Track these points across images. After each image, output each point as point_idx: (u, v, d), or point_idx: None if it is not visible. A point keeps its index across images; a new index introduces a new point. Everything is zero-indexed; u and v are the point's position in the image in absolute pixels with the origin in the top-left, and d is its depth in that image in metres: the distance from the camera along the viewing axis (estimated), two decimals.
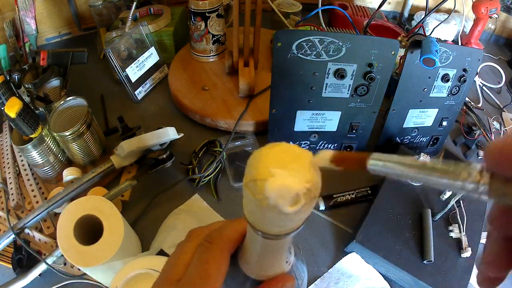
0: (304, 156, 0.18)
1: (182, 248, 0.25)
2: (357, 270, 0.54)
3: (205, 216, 0.60)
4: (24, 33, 0.72)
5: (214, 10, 0.75)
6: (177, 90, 0.76)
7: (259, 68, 0.80)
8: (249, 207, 0.19)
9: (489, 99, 0.91)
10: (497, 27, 1.10)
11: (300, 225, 0.19)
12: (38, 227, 0.57)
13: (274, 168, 0.17)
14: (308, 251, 0.57)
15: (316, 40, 0.53)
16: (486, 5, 0.86)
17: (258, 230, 0.19)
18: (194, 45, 0.81)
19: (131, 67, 0.75)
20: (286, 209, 0.16)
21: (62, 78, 0.68)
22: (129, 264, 0.43)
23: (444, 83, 0.63)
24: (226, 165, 0.65)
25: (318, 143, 0.66)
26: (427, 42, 0.56)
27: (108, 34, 0.80)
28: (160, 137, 0.62)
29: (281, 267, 0.24)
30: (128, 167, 0.65)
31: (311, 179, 0.17)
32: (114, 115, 0.74)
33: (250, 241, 0.22)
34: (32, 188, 0.61)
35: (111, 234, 0.45)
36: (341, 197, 0.62)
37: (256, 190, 0.17)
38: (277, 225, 0.18)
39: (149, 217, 0.59)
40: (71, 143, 0.59)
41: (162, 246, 0.50)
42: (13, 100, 0.53)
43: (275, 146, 0.18)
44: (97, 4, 0.88)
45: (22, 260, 0.51)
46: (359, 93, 0.59)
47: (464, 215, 0.58)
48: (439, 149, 0.75)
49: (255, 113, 0.71)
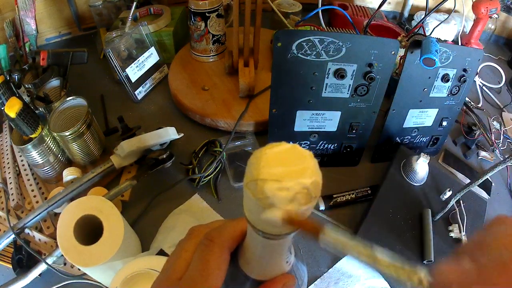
0: (305, 156, 0.18)
1: (183, 246, 0.25)
2: (357, 270, 0.54)
3: (205, 216, 0.60)
4: (24, 33, 0.72)
5: (214, 10, 0.75)
6: (177, 90, 0.76)
7: (259, 68, 0.80)
8: (249, 207, 0.19)
9: (489, 99, 0.91)
10: (497, 27, 1.10)
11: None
12: (38, 227, 0.57)
13: (274, 168, 0.17)
14: (308, 251, 0.57)
15: (316, 40, 0.53)
16: (486, 5, 0.86)
17: (259, 230, 0.19)
18: (194, 45, 0.81)
19: (131, 67, 0.75)
20: (286, 208, 0.16)
21: (62, 78, 0.68)
22: (129, 264, 0.43)
23: (444, 83, 0.63)
24: (226, 165, 0.65)
25: (318, 143, 0.66)
26: (427, 42, 0.56)
27: (108, 34, 0.80)
28: (160, 137, 0.62)
29: (281, 267, 0.24)
30: (128, 167, 0.65)
31: (311, 180, 0.17)
32: (114, 115, 0.74)
33: (251, 241, 0.22)
34: (32, 188, 0.61)
35: (111, 234, 0.45)
36: (341, 197, 0.62)
37: (256, 190, 0.17)
38: (277, 225, 0.18)
39: (149, 217, 0.59)
40: (71, 143, 0.59)
41: (162, 246, 0.50)
42: (13, 100, 0.53)
43: (275, 146, 0.18)
44: (97, 4, 0.88)
45: (22, 260, 0.51)
46: (359, 93, 0.59)
47: (464, 215, 0.58)
48: (439, 149, 0.75)
49: (255, 113, 0.71)
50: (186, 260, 0.24)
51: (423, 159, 0.61)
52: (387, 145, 0.69)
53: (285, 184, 0.16)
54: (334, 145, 0.66)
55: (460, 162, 0.74)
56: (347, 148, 0.67)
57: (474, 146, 0.77)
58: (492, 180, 0.72)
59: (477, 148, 0.77)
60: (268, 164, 0.17)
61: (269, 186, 0.16)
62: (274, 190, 0.16)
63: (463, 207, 0.59)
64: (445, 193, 0.60)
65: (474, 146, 0.77)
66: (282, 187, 0.16)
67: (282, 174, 0.17)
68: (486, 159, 0.76)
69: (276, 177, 0.16)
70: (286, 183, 0.16)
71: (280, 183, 0.16)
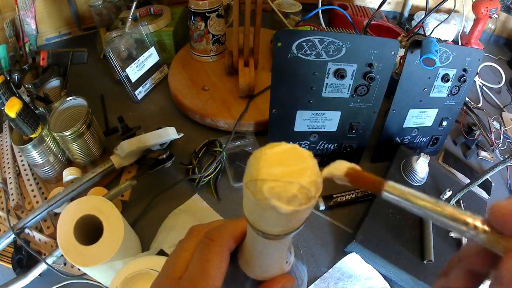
0: (305, 157, 0.18)
1: (183, 245, 0.25)
2: (357, 270, 0.54)
3: (205, 216, 0.60)
4: (24, 33, 0.72)
5: (214, 10, 0.75)
6: (177, 90, 0.76)
7: (259, 68, 0.80)
8: (249, 207, 0.19)
9: (489, 99, 0.91)
10: (497, 27, 1.10)
11: (300, 225, 0.19)
12: (38, 227, 0.57)
13: (274, 168, 0.17)
14: (308, 251, 0.57)
15: (316, 40, 0.53)
16: (486, 5, 0.86)
17: (258, 230, 0.19)
18: (194, 45, 0.81)
19: (131, 67, 0.75)
20: (285, 209, 0.16)
21: (62, 78, 0.68)
22: (129, 264, 0.43)
23: (444, 83, 0.63)
24: (226, 165, 0.65)
25: (318, 143, 0.66)
26: (427, 42, 0.56)
27: (108, 34, 0.80)
28: (160, 137, 0.62)
29: (281, 268, 0.24)
30: (128, 167, 0.65)
31: (310, 180, 0.17)
32: (114, 115, 0.74)
33: (250, 241, 0.22)
34: (32, 188, 0.61)
35: (111, 234, 0.45)
36: (341, 197, 0.62)
37: (256, 190, 0.17)
38: (276, 225, 0.18)
39: (149, 217, 0.59)
40: (71, 143, 0.59)
41: (162, 246, 0.50)
42: (13, 100, 0.53)
43: (275, 146, 0.18)
44: (97, 4, 0.88)
45: (22, 260, 0.51)
46: (359, 93, 0.59)
47: None
48: (439, 149, 0.75)
49: (255, 113, 0.71)
50: (186, 260, 0.24)
51: (423, 159, 0.61)
52: (387, 145, 0.69)
53: (284, 184, 0.16)
54: (334, 145, 0.66)
55: (460, 162, 0.74)
56: (347, 148, 0.67)
57: (474, 146, 0.77)
58: (492, 180, 0.72)
59: (477, 148, 0.77)
60: (267, 164, 0.17)
61: (268, 186, 0.16)
62: (273, 190, 0.16)
63: (463, 207, 0.59)
64: (445, 193, 0.60)
65: (474, 146, 0.77)
66: (282, 187, 0.16)
67: (282, 174, 0.17)
68: (486, 159, 0.76)
69: (276, 177, 0.16)
70: (286, 183, 0.16)
71: (279, 183, 0.16)
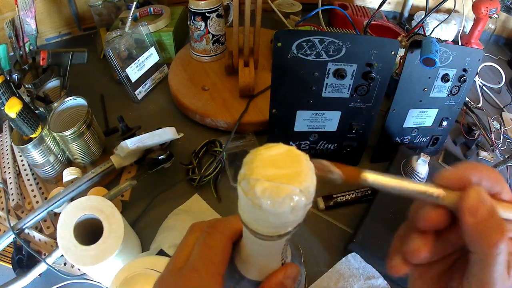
0: (300, 160, 0.17)
1: (185, 241, 0.24)
2: (357, 270, 0.54)
3: (205, 216, 0.60)
4: (24, 33, 0.72)
5: (214, 10, 0.75)
6: (177, 90, 0.76)
7: (259, 68, 0.80)
8: (242, 206, 0.18)
9: (489, 99, 0.91)
10: (497, 27, 1.10)
11: (292, 228, 0.19)
12: (38, 227, 0.57)
13: (267, 169, 0.17)
14: (308, 251, 0.57)
15: (316, 40, 0.53)
16: (486, 5, 0.86)
17: (251, 229, 0.19)
18: (194, 45, 0.81)
19: (131, 67, 0.75)
20: (275, 210, 0.16)
21: (62, 78, 0.69)
22: (129, 264, 0.43)
23: (444, 83, 0.63)
24: (226, 165, 0.65)
25: (318, 143, 0.66)
26: (427, 42, 0.56)
27: (108, 34, 0.80)
28: (160, 137, 0.62)
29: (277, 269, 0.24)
30: (128, 167, 0.65)
31: (303, 182, 0.17)
32: (114, 115, 0.74)
33: (246, 241, 0.22)
34: (32, 188, 0.61)
35: (111, 234, 0.45)
36: (341, 197, 0.62)
37: (248, 188, 0.17)
38: (268, 226, 0.18)
39: (149, 217, 0.59)
40: (71, 143, 0.59)
41: (162, 246, 0.50)
42: (13, 100, 0.53)
43: (271, 147, 0.18)
44: (97, 4, 0.88)
45: (22, 260, 0.51)
46: (359, 93, 0.59)
47: None
48: (439, 149, 0.75)
49: (255, 113, 0.71)
50: (188, 252, 0.23)
51: (423, 159, 0.61)
52: (387, 145, 0.69)
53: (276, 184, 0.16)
54: (334, 145, 0.66)
55: (460, 162, 0.74)
56: (347, 148, 0.67)
57: (474, 146, 0.77)
58: None
59: (477, 148, 0.77)
60: (261, 164, 0.17)
61: (260, 186, 0.16)
62: (264, 190, 0.16)
63: None
64: None
65: (474, 146, 0.77)
66: (274, 188, 0.16)
67: (274, 176, 0.16)
68: (486, 159, 0.76)
69: (269, 178, 0.16)
70: (278, 185, 0.16)
71: (272, 185, 0.16)
